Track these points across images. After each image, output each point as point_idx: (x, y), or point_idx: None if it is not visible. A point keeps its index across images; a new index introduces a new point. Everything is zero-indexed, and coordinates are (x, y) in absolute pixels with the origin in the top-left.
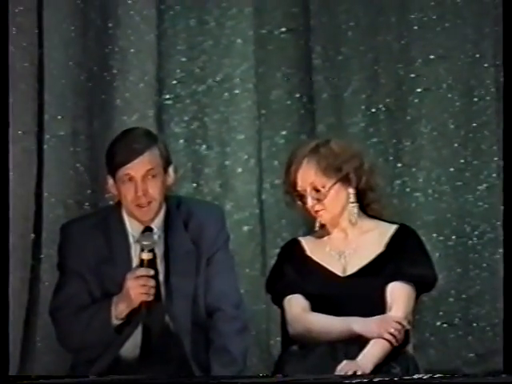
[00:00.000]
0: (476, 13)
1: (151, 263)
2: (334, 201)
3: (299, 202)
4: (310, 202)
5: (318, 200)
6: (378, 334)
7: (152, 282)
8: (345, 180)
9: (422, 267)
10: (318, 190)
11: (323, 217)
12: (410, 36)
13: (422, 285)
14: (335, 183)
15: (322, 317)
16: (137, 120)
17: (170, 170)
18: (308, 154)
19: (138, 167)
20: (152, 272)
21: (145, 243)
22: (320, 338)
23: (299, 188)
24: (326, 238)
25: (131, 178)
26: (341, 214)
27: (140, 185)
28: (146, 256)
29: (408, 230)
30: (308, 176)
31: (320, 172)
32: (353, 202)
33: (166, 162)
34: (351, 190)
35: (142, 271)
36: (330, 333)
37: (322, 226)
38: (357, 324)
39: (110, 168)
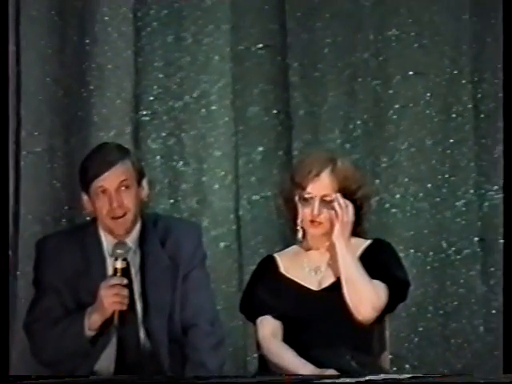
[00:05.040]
0: (454, 30)
1: (125, 272)
2: (334, 218)
3: (297, 206)
4: (316, 209)
5: (321, 212)
6: None
7: (125, 291)
8: (352, 202)
9: (395, 270)
10: (327, 203)
11: (318, 229)
12: (387, 53)
13: (395, 287)
14: (345, 201)
15: (282, 352)
16: (114, 136)
17: (144, 182)
18: (327, 165)
19: (110, 178)
20: (125, 281)
21: (118, 251)
22: (275, 370)
23: (307, 194)
24: (302, 254)
25: (105, 191)
26: (331, 234)
27: (114, 196)
28: (119, 265)
29: (382, 242)
30: (324, 186)
31: (337, 187)
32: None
33: (139, 175)
34: (346, 206)
35: (115, 280)
36: (282, 368)
37: (304, 237)
38: (305, 371)
39: (84, 183)
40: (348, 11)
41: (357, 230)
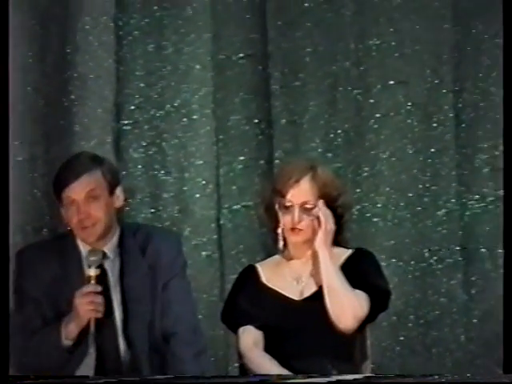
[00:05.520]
0: (434, 39)
1: (99, 279)
2: (314, 225)
3: (278, 215)
4: (296, 216)
5: (302, 219)
6: None
7: (100, 299)
8: (332, 210)
9: (376, 279)
10: (306, 209)
11: (298, 237)
12: (368, 62)
13: (377, 296)
14: (326, 210)
15: (263, 362)
16: (95, 145)
17: (118, 191)
18: (308, 172)
19: (77, 189)
20: (99, 288)
21: (91, 259)
22: None
23: (288, 202)
24: (284, 263)
25: (73, 201)
26: (312, 242)
27: (82, 206)
28: (93, 272)
29: (364, 252)
30: (304, 193)
31: (317, 194)
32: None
33: (112, 184)
34: (328, 215)
35: (90, 287)
36: None
37: (285, 246)
38: None
39: (55, 193)
40: (329, 21)
41: (338, 239)
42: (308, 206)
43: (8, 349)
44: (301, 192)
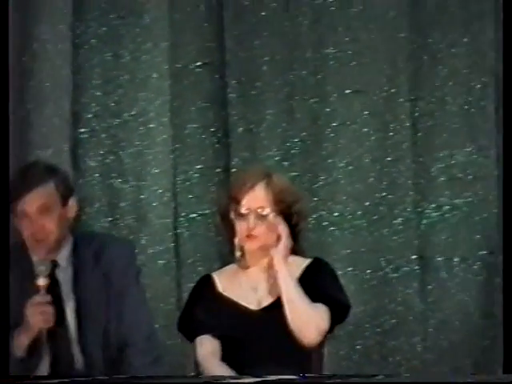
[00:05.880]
0: (391, 48)
1: (50, 289)
2: (270, 232)
3: (234, 224)
4: (251, 222)
5: (257, 225)
6: None
7: (50, 308)
8: (288, 218)
9: (336, 292)
10: (262, 216)
11: (254, 243)
12: (325, 71)
13: (337, 309)
14: (280, 215)
15: (220, 371)
16: (52, 154)
17: (71, 201)
18: (263, 178)
19: (30, 202)
20: (49, 298)
21: (40, 268)
22: None
23: (243, 209)
24: (240, 272)
25: (26, 214)
26: (268, 249)
27: (34, 220)
28: (42, 282)
29: (321, 262)
30: (259, 199)
31: (272, 200)
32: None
33: (65, 195)
34: (286, 230)
35: (39, 298)
36: None
37: (242, 255)
38: None
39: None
40: (286, 29)
41: (294, 248)
42: (263, 212)
43: (8, 349)
44: (256, 198)
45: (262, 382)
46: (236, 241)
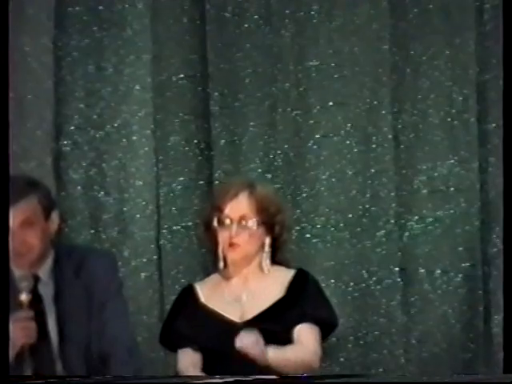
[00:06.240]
0: (373, 61)
1: (32, 304)
2: (253, 241)
3: (216, 235)
4: (234, 231)
5: (239, 234)
6: None
7: (32, 324)
8: (270, 228)
9: (325, 310)
10: (244, 225)
11: (236, 252)
12: (307, 83)
13: (326, 327)
14: (263, 225)
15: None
16: (34, 167)
17: (54, 215)
18: (246, 188)
19: (12, 217)
20: (31, 314)
21: (22, 284)
22: None
23: (225, 217)
24: (223, 283)
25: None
26: (250, 259)
27: (17, 234)
28: (24, 298)
29: (305, 274)
30: (241, 207)
31: (255, 209)
32: (267, 252)
33: (47, 209)
34: (268, 240)
35: (21, 313)
36: None
37: (225, 266)
38: None
39: None
40: (268, 42)
41: (278, 259)
42: (246, 221)
43: (8, 349)
44: (238, 206)
45: (235, 382)
46: (219, 250)
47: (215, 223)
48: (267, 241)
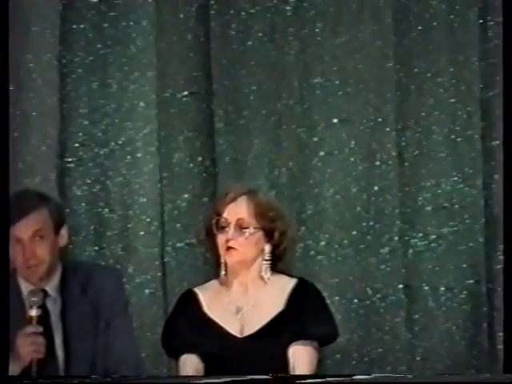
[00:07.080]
0: (377, 78)
1: (40, 320)
2: (250, 245)
3: (215, 238)
4: (231, 234)
5: (237, 237)
6: None
7: (41, 339)
8: (269, 234)
9: (325, 325)
10: (242, 228)
11: (233, 256)
12: (312, 100)
13: (325, 341)
14: (261, 230)
15: None
16: (39, 183)
17: (63, 231)
18: (246, 193)
19: (24, 228)
20: (41, 329)
21: (32, 299)
22: None
23: (223, 220)
24: (224, 291)
25: (19, 240)
26: (249, 264)
27: (28, 246)
28: (34, 313)
29: (307, 284)
30: (240, 210)
31: (253, 213)
32: (267, 260)
33: (58, 223)
34: (268, 248)
35: (31, 328)
36: None
37: (225, 273)
38: None
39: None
40: (273, 59)
41: (279, 267)
42: (244, 225)
43: (8, 349)
44: (237, 209)
45: (232, 382)
46: (219, 256)
47: (214, 228)
48: (267, 248)
